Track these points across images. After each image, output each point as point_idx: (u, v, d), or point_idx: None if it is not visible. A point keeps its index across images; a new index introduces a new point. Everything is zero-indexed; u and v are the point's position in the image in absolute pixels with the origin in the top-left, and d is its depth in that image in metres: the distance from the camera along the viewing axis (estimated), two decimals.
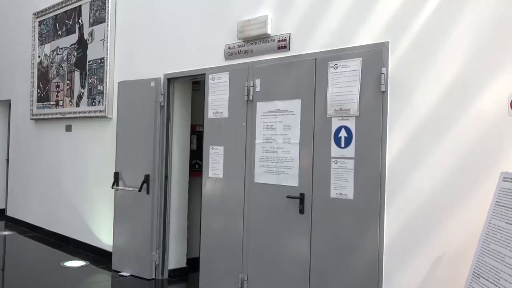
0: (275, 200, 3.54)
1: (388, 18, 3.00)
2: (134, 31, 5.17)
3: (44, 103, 6.62)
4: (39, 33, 6.86)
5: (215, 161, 4.01)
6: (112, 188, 4.97)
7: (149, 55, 4.93)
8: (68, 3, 6.13)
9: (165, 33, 4.75)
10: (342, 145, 3.15)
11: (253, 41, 3.81)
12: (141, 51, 5.04)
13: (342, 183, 3.12)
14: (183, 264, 4.80)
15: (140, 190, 4.65)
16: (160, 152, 4.64)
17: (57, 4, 6.36)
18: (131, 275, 4.76)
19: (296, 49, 3.52)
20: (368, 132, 3.02)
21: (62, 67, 6.24)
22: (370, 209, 2.98)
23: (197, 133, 5.05)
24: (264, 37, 3.74)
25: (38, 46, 6.85)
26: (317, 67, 3.31)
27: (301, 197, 3.35)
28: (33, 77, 6.88)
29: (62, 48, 6.28)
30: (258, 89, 3.71)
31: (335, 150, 3.19)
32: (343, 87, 3.15)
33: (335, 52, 3.24)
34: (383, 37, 3.00)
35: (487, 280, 2.12)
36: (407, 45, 2.89)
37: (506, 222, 2.14)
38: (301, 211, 3.34)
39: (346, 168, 3.11)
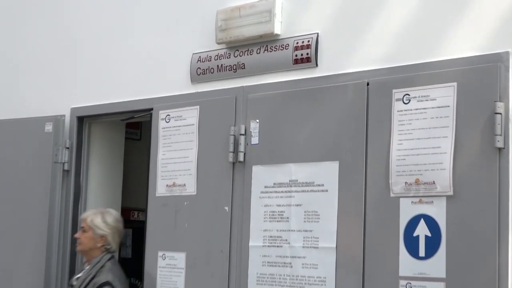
0: None
1: (504, 10, 3.07)
2: (19, 28, 5.25)
3: None
4: None
5: (169, 281, 4.01)
6: None
7: (45, 74, 5.00)
8: None
9: (78, 33, 4.84)
10: (421, 253, 3.17)
11: (247, 47, 3.90)
12: (31, 65, 5.09)
13: None
14: None
15: None
16: (59, 265, 4.64)
17: None
18: None
19: (328, 65, 3.63)
20: (472, 228, 3.04)
21: None
22: None
23: (134, 226, 5.11)
24: (267, 41, 3.82)
25: None
26: (369, 99, 3.40)
27: None
28: None
29: None
30: (255, 140, 3.76)
31: (407, 263, 3.21)
32: (422, 139, 3.20)
33: (404, 71, 3.33)
34: (497, 45, 3.08)
35: None
36: None
37: None
38: None
39: None
